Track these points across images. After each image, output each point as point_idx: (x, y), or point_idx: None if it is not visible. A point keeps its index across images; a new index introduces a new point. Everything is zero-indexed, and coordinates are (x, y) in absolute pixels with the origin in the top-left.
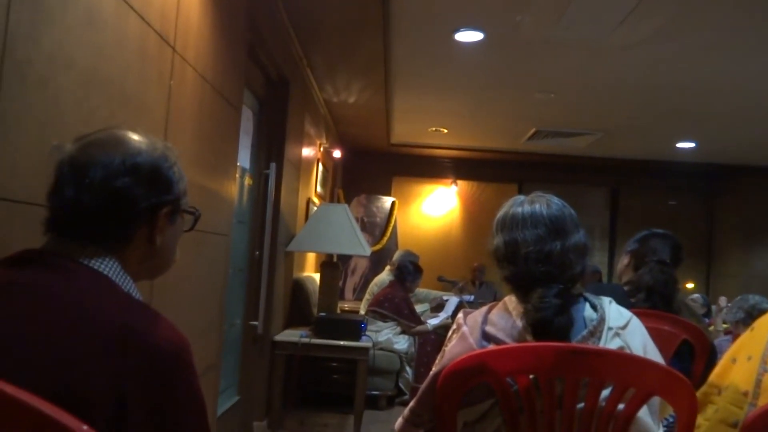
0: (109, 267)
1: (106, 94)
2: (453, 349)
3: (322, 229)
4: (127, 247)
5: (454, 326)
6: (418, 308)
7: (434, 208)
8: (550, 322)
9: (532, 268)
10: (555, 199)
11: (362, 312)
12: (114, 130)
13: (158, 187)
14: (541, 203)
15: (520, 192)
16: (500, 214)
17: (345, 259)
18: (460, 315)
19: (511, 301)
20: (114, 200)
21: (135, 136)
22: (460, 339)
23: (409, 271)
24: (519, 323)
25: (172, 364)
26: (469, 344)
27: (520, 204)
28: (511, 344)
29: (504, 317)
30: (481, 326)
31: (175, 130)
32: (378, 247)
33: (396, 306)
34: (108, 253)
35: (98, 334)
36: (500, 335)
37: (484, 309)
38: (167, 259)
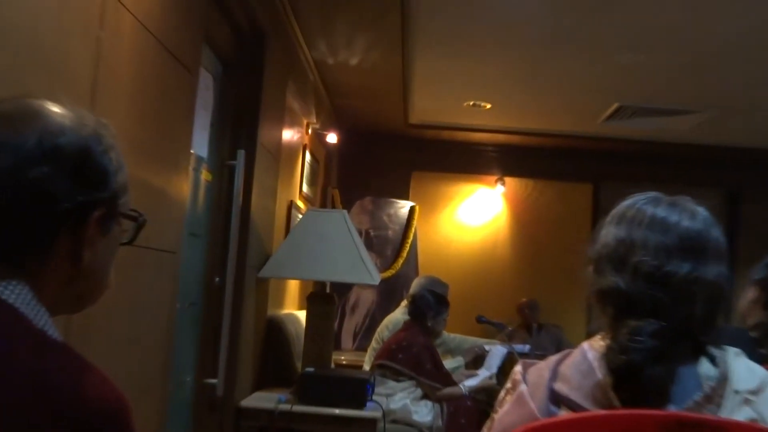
0: (16, 294)
1: (10, 47)
2: (506, 418)
3: (309, 247)
4: (42, 267)
5: (509, 384)
6: (448, 363)
7: (471, 218)
8: (638, 370)
9: (639, 285)
10: (704, 212)
11: (367, 367)
12: (26, 99)
13: (88, 180)
14: (684, 208)
15: (596, 195)
16: (623, 203)
17: (343, 290)
18: (518, 368)
19: (595, 346)
20: (25, 198)
21: (55, 109)
22: (516, 402)
23: (428, 304)
24: (602, 375)
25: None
26: (529, 411)
27: (655, 201)
28: (593, 411)
29: (583, 370)
30: (548, 383)
31: (105, 100)
32: (390, 272)
33: (415, 358)
34: (15, 274)
35: (1, 389)
36: (576, 396)
37: (554, 359)
38: (98, 283)
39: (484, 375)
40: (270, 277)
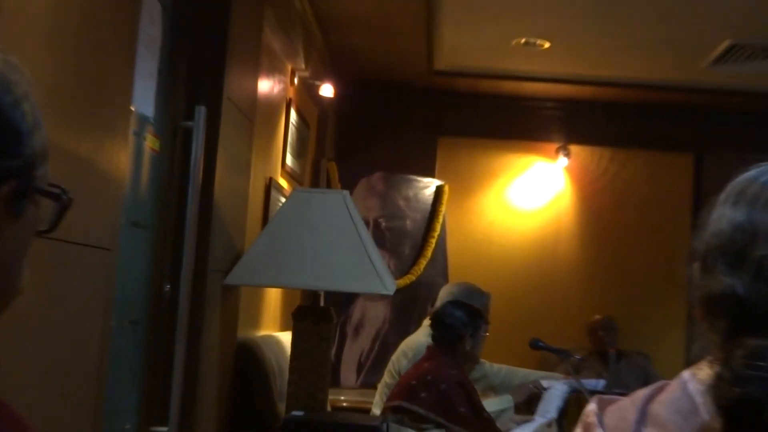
0: None
1: None
2: None
3: (296, 242)
4: None
5: (579, 430)
6: (491, 404)
7: (522, 202)
8: (758, 408)
9: (763, 290)
10: None
11: (378, 411)
12: None
13: None
14: None
15: (698, 169)
16: (742, 177)
17: (343, 303)
18: (592, 407)
19: (700, 375)
20: None
21: None
22: None
23: (461, 322)
24: (709, 415)
25: None
26: None
27: None
28: None
29: (683, 409)
30: (634, 428)
31: (9, 37)
32: (409, 279)
33: (444, 397)
34: None
35: None
36: None
37: (642, 395)
38: (5, 285)
39: (540, 422)
40: (241, 285)
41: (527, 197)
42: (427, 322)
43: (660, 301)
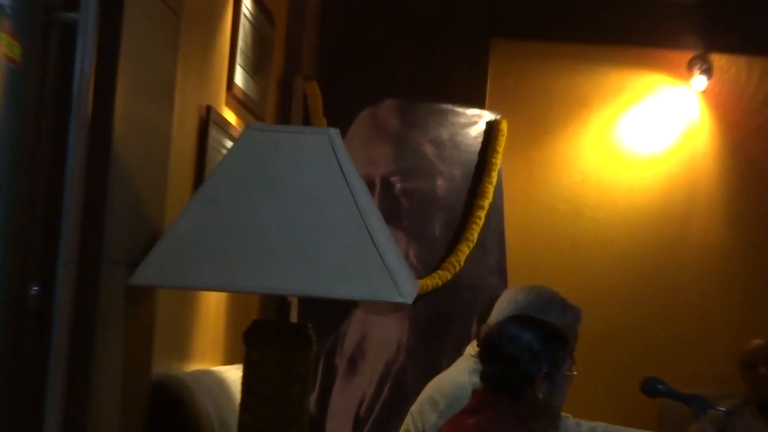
0: None
1: None
2: None
3: (249, 217)
4: None
5: None
6: None
7: (631, 146)
8: None
9: None
10: None
11: None
12: None
13: None
14: None
15: None
16: None
17: (329, 317)
18: None
19: None
20: None
21: None
22: None
23: (528, 350)
24: None
25: None
26: None
27: None
28: None
29: None
30: None
31: None
32: (441, 277)
33: None
34: None
35: None
36: None
37: None
38: None
39: None
40: (159, 287)
41: (639, 140)
42: (472, 350)
43: None
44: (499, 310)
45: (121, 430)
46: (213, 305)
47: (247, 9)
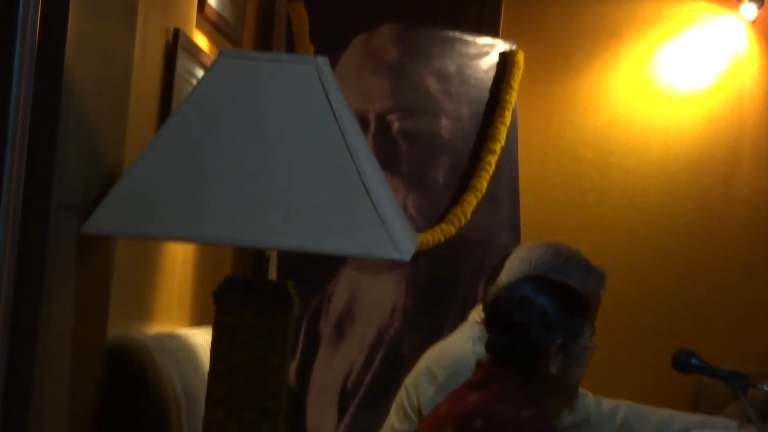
0: None
1: None
2: None
3: (222, 157)
4: None
5: None
6: None
7: (668, 83)
8: None
9: None
10: None
11: None
12: None
13: None
14: None
15: None
16: None
17: (313, 276)
18: None
19: None
20: None
21: None
22: None
23: (542, 317)
24: None
25: None
26: None
27: None
28: None
29: None
30: None
31: None
32: (445, 231)
33: None
34: None
35: None
36: None
37: None
38: None
39: None
40: (117, 237)
41: (678, 76)
42: (477, 315)
43: None
44: (511, 270)
45: (72, 402)
46: (179, 260)
47: None
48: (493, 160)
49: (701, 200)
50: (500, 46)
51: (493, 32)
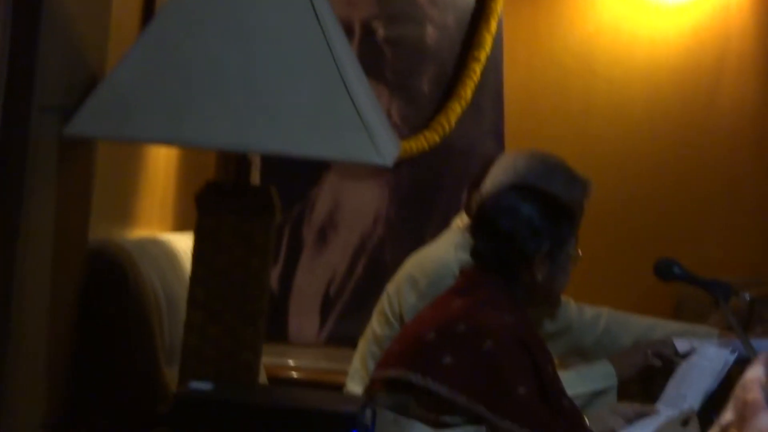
0: None
1: None
2: None
3: (205, 59)
4: None
5: (729, 415)
6: (576, 381)
7: None
8: None
9: None
10: None
11: (356, 387)
12: None
13: None
14: None
15: None
16: None
17: (296, 181)
18: (756, 372)
19: None
20: None
21: None
22: None
23: (527, 224)
24: None
25: None
26: None
27: None
28: None
29: None
30: None
31: None
32: (429, 139)
33: (485, 368)
34: None
35: None
36: None
37: None
38: None
39: (668, 416)
40: (99, 139)
41: None
42: (461, 222)
43: None
44: (496, 177)
45: (53, 304)
46: (162, 163)
47: None
48: (478, 68)
49: (686, 110)
50: None
51: None
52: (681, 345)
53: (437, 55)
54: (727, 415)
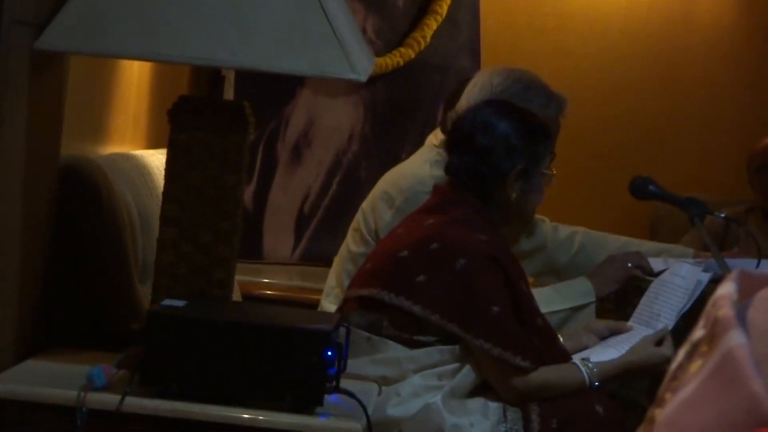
0: None
1: None
2: (693, 416)
3: None
4: None
5: (700, 332)
6: (550, 299)
7: None
8: None
9: None
10: None
11: (330, 305)
12: None
13: None
14: None
15: None
16: None
17: (270, 97)
18: (728, 289)
19: None
20: None
21: None
22: (717, 376)
23: (502, 142)
24: None
25: None
26: (749, 394)
27: None
28: None
29: None
30: None
31: None
32: (404, 55)
33: (458, 286)
34: None
35: None
36: None
37: None
38: None
39: (642, 334)
40: (71, 54)
41: None
42: (435, 139)
43: None
44: (471, 95)
45: (25, 219)
46: (135, 79)
47: None
48: None
49: (662, 26)
50: None
51: None
52: (656, 264)
53: None
54: (698, 332)
